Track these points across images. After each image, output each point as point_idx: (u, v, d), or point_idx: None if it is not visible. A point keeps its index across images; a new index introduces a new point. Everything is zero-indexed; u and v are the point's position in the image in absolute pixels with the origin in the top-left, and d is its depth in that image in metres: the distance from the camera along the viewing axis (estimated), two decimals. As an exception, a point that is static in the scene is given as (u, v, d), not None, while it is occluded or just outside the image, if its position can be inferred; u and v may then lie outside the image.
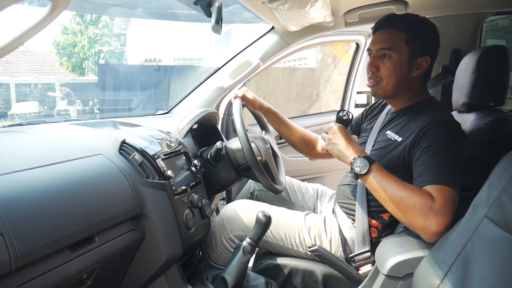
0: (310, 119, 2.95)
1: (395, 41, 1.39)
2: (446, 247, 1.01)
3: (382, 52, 1.41)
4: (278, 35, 2.08)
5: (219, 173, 1.66)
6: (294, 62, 8.30)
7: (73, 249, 0.92)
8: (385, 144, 1.42)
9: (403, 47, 1.39)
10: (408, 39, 1.38)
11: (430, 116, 1.32)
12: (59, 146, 1.16)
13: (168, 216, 1.24)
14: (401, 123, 1.42)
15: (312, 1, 1.46)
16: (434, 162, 1.21)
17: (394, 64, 1.39)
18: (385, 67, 1.40)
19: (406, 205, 1.17)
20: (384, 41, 1.41)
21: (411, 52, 1.39)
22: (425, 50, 1.40)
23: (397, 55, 1.39)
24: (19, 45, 0.64)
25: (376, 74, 1.42)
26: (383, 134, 1.47)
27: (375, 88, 1.45)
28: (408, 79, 1.41)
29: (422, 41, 1.40)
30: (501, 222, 0.89)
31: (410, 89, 1.44)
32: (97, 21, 13.95)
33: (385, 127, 1.50)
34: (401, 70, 1.39)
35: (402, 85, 1.42)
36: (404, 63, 1.39)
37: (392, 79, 1.40)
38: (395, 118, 1.48)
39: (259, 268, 1.50)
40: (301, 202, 1.83)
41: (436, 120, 1.29)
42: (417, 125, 1.32)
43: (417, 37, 1.39)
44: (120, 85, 7.28)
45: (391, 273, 1.14)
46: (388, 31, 1.41)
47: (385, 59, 1.40)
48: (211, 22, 1.33)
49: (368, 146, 1.51)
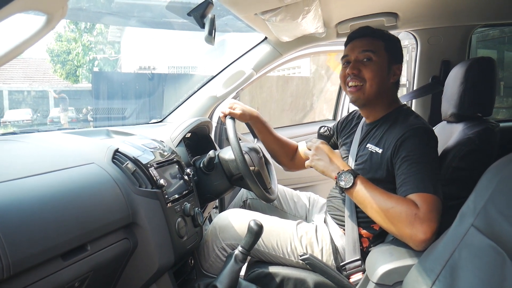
0: (303, 128, 2.97)
1: (376, 46, 1.43)
2: (434, 255, 1.03)
3: (364, 54, 1.42)
4: (271, 45, 2.10)
5: (212, 181, 1.66)
6: (288, 70, 8.36)
7: (66, 257, 0.92)
8: (368, 157, 1.43)
9: (383, 52, 1.43)
10: (386, 46, 1.43)
11: (405, 125, 1.34)
12: (52, 155, 1.17)
13: (160, 225, 1.25)
14: (379, 134, 1.43)
15: (304, 13, 1.48)
16: (414, 170, 1.23)
17: (376, 66, 1.41)
18: (369, 69, 1.41)
19: (392, 215, 1.19)
20: (365, 45, 1.43)
21: (390, 58, 1.43)
22: (399, 58, 1.47)
23: (379, 58, 1.42)
24: (14, 57, 0.66)
25: (359, 75, 1.42)
26: (363, 147, 1.48)
27: (357, 93, 1.43)
28: (387, 85, 1.45)
29: (397, 49, 1.46)
30: (487, 231, 0.91)
31: (387, 96, 1.46)
32: (92, 29, 13.94)
33: (364, 139, 1.51)
34: (382, 74, 1.42)
35: (383, 90, 1.44)
36: (384, 68, 1.43)
37: (376, 81, 1.41)
38: (372, 130, 1.49)
39: (251, 276, 1.51)
40: (293, 211, 1.84)
41: (412, 129, 1.31)
42: (394, 135, 1.34)
43: (393, 45, 1.45)
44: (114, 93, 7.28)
45: (381, 281, 1.15)
46: (366, 38, 1.45)
47: (367, 62, 1.42)
48: (205, 33, 1.35)
49: (350, 160, 1.53)
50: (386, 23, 1.83)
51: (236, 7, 1.46)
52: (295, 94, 7.00)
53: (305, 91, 7.09)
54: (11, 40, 0.65)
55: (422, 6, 1.74)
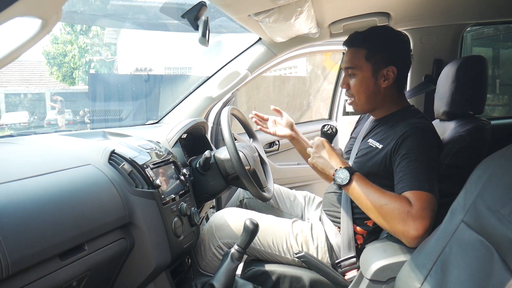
0: (300, 127, 2.98)
1: (356, 59, 1.45)
2: (426, 251, 1.05)
3: (348, 71, 1.48)
4: (265, 46, 2.12)
5: (208, 181, 1.68)
6: (284, 70, 8.37)
7: (63, 257, 0.93)
8: (367, 151, 1.46)
9: (364, 63, 1.44)
10: (367, 55, 1.44)
11: (408, 123, 1.36)
12: (50, 156, 1.18)
13: (157, 225, 1.26)
14: (382, 131, 1.46)
15: (297, 14, 1.50)
16: (412, 168, 1.26)
17: (359, 81, 1.45)
18: (353, 85, 1.47)
19: (385, 212, 1.22)
20: (347, 61, 1.48)
21: (373, 66, 1.44)
22: (388, 61, 1.43)
23: (360, 72, 1.45)
24: (10, 62, 0.67)
25: (349, 92, 1.50)
26: (365, 142, 1.51)
27: (353, 105, 1.52)
28: (379, 92, 1.46)
29: (382, 53, 1.43)
30: (476, 226, 0.93)
31: (386, 99, 1.48)
32: (88, 31, 13.91)
33: (367, 135, 1.54)
34: (367, 85, 1.45)
35: (374, 97, 1.47)
36: (369, 78, 1.44)
37: (362, 94, 1.47)
38: (376, 127, 1.52)
39: (248, 274, 1.52)
40: (289, 209, 1.86)
41: (414, 127, 1.33)
42: (396, 133, 1.37)
43: (377, 50, 1.43)
44: (110, 95, 7.27)
45: (374, 278, 1.17)
46: (351, 50, 1.48)
47: (352, 77, 1.47)
48: (198, 35, 1.36)
49: (352, 154, 1.56)
50: (378, 22, 1.84)
51: (230, 9, 1.48)
52: (292, 94, 7.02)
53: (301, 91, 7.11)
54: (7, 45, 0.67)
55: (414, 6, 1.76)
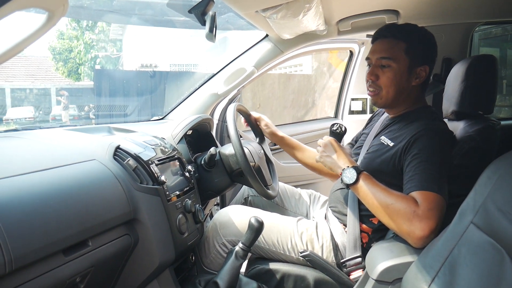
0: (305, 125, 2.97)
1: (395, 50, 1.41)
2: (434, 252, 1.04)
3: (381, 61, 1.42)
4: (272, 43, 2.10)
5: (213, 178, 1.67)
6: (290, 68, 8.34)
7: (67, 253, 0.93)
8: (378, 148, 1.45)
9: (402, 56, 1.40)
10: (407, 49, 1.40)
11: (422, 123, 1.34)
12: (54, 151, 1.18)
13: (161, 221, 1.25)
14: (395, 130, 1.45)
15: (305, 10, 1.48)
16: (422, 168, 1.24)
17: (394, 73, 1.41)
18: (385, 77, 1.42)
19: (392, 211, 1.21)
20: (383, 51, 1.43)
21: (411, 61, 1.41)
22: (424, 59, 1.42)
23: (397, 64, 1.40)
24: (16, 54, 0.66)
25: (376, 83, 1.44)
26: (377, 139, 1.50)
27: (375, 97, 1.47)
28: (407, 88, 1.44)
29: (421, 50, 1.42)
30: (486, 228, 0.91)
31: (409, 97, 1.46)
32: (94, 27, 13.94)
33: (380, 132, 1.52)
34: (400, 80, 1.42)
35: (402, 94, 1.44)
36: (403, 73, 1.41)
37: (392, 88, 1.42)
38: (390, 125, 1.50)
39: (252, 273, 1.51)
40: (294, 208, 1.85)
41: (428, 128, 1.32)
42: (409, 132, 1.35)
43: (416, 46, 1.41)
44: (115, 91, 7.27)
45: (380, 278, 1.15)
46: (387, 40, 1.43)
47: (385, 68, 1.42)
48: (205, 31, 1.35)
49: (363, 150, 1.54)
50: (387, 20, 1.82)
51: (237, 5, 1.46)
52: (297, 91, 6.99)
53: (307, 88, 7.08)
54: (12, 38, 0.66)
55: (423, 4, 1.74)
